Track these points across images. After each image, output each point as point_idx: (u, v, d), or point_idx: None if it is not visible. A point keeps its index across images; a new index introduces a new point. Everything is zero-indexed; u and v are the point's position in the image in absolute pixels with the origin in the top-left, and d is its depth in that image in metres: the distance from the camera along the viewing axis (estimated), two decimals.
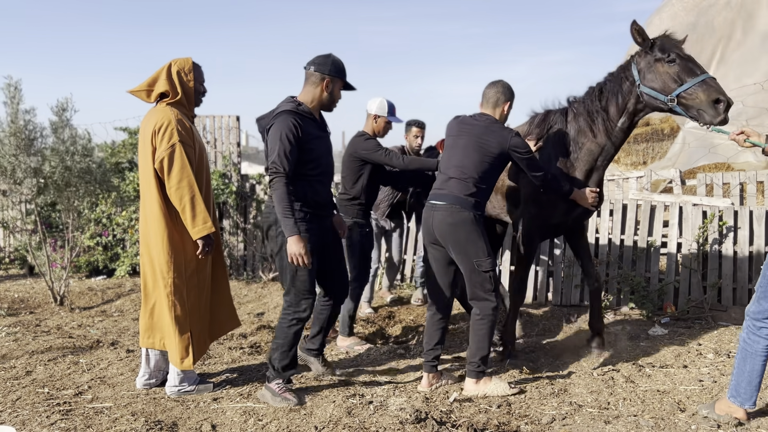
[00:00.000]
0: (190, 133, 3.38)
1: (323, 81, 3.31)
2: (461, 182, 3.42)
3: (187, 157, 3.28)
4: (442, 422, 2.93)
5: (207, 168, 3.55)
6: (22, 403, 3.33)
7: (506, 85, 3.63)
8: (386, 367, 4.01)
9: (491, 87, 3.61)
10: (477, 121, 3.55)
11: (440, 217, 3.42)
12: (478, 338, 3.41)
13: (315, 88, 3.32)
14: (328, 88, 3.32)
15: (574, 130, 3.89)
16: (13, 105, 5.65)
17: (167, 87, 3.37)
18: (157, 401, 3.35)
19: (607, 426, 2.94)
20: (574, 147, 3.88)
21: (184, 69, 3.43)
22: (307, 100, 3.32)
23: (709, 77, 3.45)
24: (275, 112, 3.25)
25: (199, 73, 3.50)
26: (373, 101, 4.37)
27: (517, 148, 3.46)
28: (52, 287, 5.95)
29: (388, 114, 4.37)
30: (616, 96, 3.74)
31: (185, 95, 3.43)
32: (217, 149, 7.48)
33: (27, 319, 5.39)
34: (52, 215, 7.58)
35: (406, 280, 6.65)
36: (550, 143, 3.95)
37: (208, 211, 3.36)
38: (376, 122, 4.37)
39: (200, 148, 3.48)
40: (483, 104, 3.62)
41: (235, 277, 7.29)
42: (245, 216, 7.42)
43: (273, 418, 3.04)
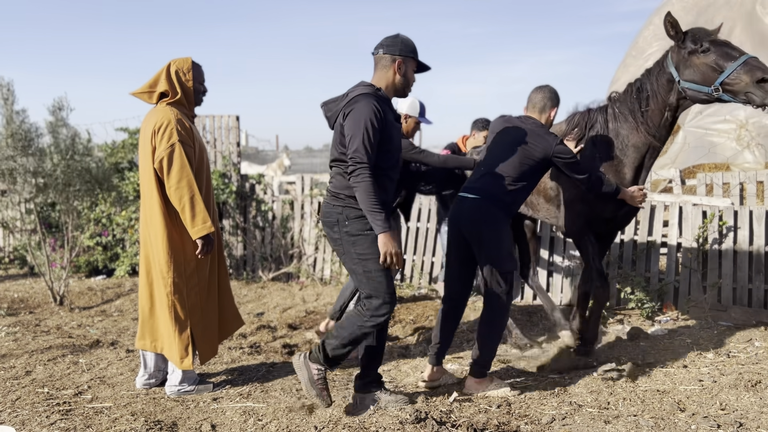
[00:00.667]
0: (190, 133, 3.38)
1: (394, 62, 3.05)
2: (496, 180, 3.41)
3: (187, 156, 3.29)
4: (441, 422, 2.93)
5: (207, 168, 3.55)
6: (21, 403, 3.33)
7: (553, 90, 3.60)
8: (386, 367, 4.00)
9: (538, 92, 3.59)
10: (523, 124, 3.53)
11: (468, 210, 3.40)
12: (485, 338, 3.39)
13: (386, 71, 3.07)
14: (401, 69, 3.06)
15: (617, 129, 3.82)
16: (8, 106, 5.65)
17: (167, 87, 3.39)
18: (156, 401, 3.35)
19: (606, 426, 2.94)
20: (621, 146, 3.81)
21: (183, 69, 3.43)
22: (380, 86, 3.08)
23: (749, 57, 3.32)
24: (350, 97, 3.01)
25: (198, 73, 3.50)
26: (404, 101, 4.22)
27: (561, 155, 3.44)
28: (52, 287, 5.95)
29: (419, 115, 4.23)
30: (656, 94, 3.67)
31: (185, 95, 3.43)
32: (216, 149, 7.48)
33: (27, 319, 5.39)
34: (51, 215, 7.58)
35: (406, 280, 6.65)
36: (593, 143, 3.89)
37: (208, 210, 3.37)
38: (406, 122, 4.26)
39: (200, 147, 3.48)
40: (529, 108, 3.61)
41: (234, 277, 7.28)
42: (245, 216, 7.42)
43: (273, 418, 3.04)
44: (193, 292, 3.42)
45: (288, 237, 7.25)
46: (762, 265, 5.10)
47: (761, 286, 5.11)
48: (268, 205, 7.34)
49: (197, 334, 3.43)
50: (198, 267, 3.44)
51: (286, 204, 7.30)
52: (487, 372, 3.43)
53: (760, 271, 5.11)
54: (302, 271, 7.08)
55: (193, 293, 3.42)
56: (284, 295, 6.38)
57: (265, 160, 16.73)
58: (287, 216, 7.25)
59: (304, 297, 6.30)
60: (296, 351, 4.49)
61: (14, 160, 5.59)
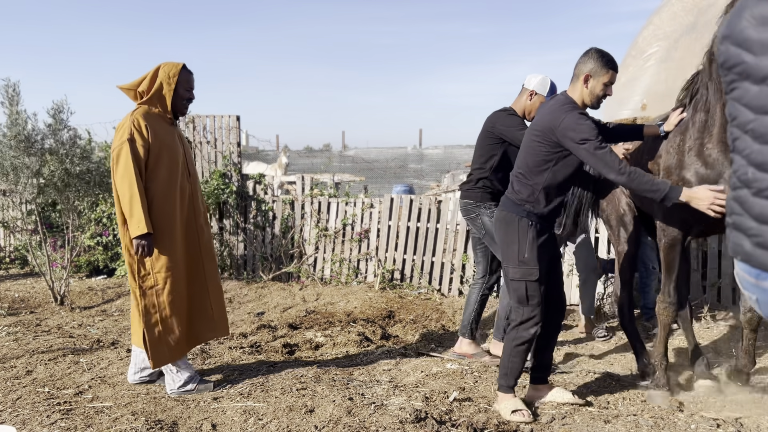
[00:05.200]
0: (154, 134, 3.37)
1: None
2: (512, 180, 3.24)
3: (134, 156, 3.28)
4: (441, 422, 2.94)
5: (187, 167, 3.56)
6: (22, 403, 3.33)
7: (592, 51, 3.11)
8: (386, 367, 4.01)
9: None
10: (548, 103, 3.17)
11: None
12: (504, 350, 3.22)
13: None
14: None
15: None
16: (12, 107, 5.66)
17: (147, 87, 3.43)
18: (157, 400, 3.35)
19: (606, 425, 2.95)
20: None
21: (170, 73, 3.45)
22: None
23: None
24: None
25: (186, 79, 3.51)
26: (534, 76, 3.97)
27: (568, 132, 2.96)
28: (53, 287, 5.95)
29: (547, 94, 3.92)
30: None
31: (159, 98, 3.45)
32: (217, 149, 7.48)
33: (27, 319, 5.39)
34: (52, 215, 7.58)
35: (406, 280, 6.66)
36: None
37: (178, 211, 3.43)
38: (531, 100, 3.95)
39: (170, 149, 3.46)
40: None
41: (235, 277, 7.29)
42: (245, 216, 7.43)
43: (273, 418, 3.04)
44: (166, 290, 3.41)
45: (288, 237, 7.26)
46: None
47: None
48: (269, 205, 7.35)
49: (167, 332, 3.42)
50: (169, 267, 3.41)
51: (287, 204, 7.31)
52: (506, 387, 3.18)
53: None
54: (302, 271, 7.09)
55: (165, 292, 3.41)
56: (284, 295, 6.39)
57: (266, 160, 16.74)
58: (288, 216, 7.26)
59: (305, 297, 6.31)
60: (296, 350, 4.50)
61: (17, 159, 5.60)
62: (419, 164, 18.00)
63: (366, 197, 7.19)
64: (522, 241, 3.09)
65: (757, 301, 1.55)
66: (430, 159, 18.06)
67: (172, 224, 3.43)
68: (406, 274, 6.68)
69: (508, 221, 3.15)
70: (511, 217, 3.14)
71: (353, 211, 7.01)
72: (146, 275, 3.40)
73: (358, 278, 6.91)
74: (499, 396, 3.18)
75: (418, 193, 13.74)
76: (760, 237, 1.47)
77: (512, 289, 3.13)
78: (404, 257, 6.69)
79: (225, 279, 7.22)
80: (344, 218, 7.03)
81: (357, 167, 17.35)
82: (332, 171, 14.75)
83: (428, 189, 12.58)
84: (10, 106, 5.65)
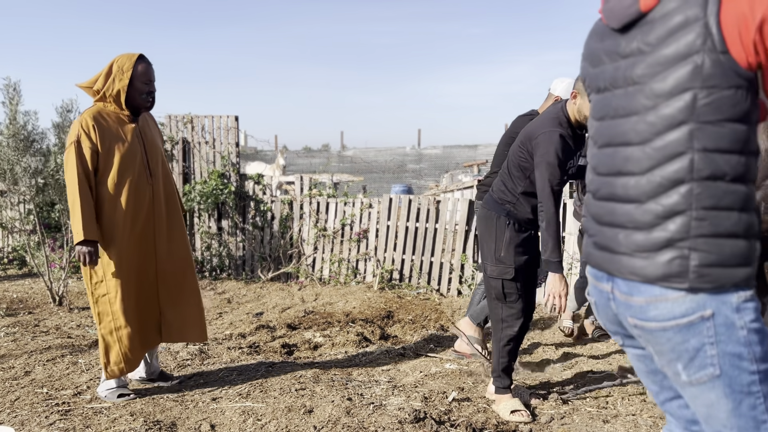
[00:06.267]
0: (105, 134, 3.24)
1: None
2: (497, 179, 3.26)
3: (79, 157, 3.17)
4: (440, 422, 2.94)
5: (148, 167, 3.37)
6: (20, 404, 3.33)
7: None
8: (385, 367, 4.01)
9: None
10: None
11: None
12: (494, 353, 3.24)
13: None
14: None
15: None
16: (12, 106, 5.66)
17: (102, 83, 3.28)
18: (155, 401, 3.35)
19: (605, 425, 2.95)
20: None
21: (123, 66, 3.27)
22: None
23: None
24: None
25: (143, 72, 3.30)
26: (561, 80, 3.89)
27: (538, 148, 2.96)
28: (51, 287, 5.95)
29: None
30: None
31: (114, 94, 3.28)
32: (215, 149, 7.48)
33: (26, 320, 5.39)
34: (50, 215, 7.58)
35: (405, 280, 6.65)
36: None
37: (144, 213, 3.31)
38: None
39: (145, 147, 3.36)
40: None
41: (234, 277, 7.29)
42: (244, 216, 7.43)
43: (272, 418, 3.04)
44: (113, 299, 3.29)
45: (287, 237, 7.25)
46: None
47: None
48: (267, 205, 7.35)
49: (111, 344, 3.31)
50: (120, 274, 3.28)
51: (285, 204, 7.30)
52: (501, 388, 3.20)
53: None
54: (301, 271, 7.09)
55: (115, 301, 3.29)
56: (283, 295, 6.38)
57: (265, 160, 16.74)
58: (286, 216, 7.25)
59: (303, 297, 6.30)
60: (295, 351, 4.50)
61: (16, 158, 5.61)
62: (418, 164, 18.01)
63: (365, 197, 7.19)
64: (499, 239, 3.13)
65: (595, 304, 1.55)
66: (428, 159, 18.06)
67: (124, 229, 3.27)
68: (405, 274, 6.68)
69: (487, 219, 3.20)
70: (491, 215, 3.18)
71: (352, 211, 7.01)
72: (99, 282, 3.29)
73: (357, 278, 6.91)
74: (497, 397, 3.19)
75: (417, 193, 13.75)
76: (597, 237, 1.50)
77: (490, 286, 3.17)
78: (403, 257, 6.69)
79: (223, 279, 7.22)
80: (343, 218, 7.03)
81: (356, 167, 17.36)
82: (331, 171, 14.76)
83: (427, 189, 12.59)
84: (10, 106, 5.65)
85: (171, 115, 7.56)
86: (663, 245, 1.34)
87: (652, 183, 1.35)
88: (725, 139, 1.30)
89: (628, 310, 1.42)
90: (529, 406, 3.23)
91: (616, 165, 1.43)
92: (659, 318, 1.36)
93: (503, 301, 3.14)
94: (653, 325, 1.38)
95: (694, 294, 1.32)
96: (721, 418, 1.36)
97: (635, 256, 1.38)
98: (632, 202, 1.39)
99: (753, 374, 1.33)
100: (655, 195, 1.35)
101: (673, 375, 1.41)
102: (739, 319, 1.32)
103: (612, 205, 1.45)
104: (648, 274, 1.36)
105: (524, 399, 3.28)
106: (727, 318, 1.32)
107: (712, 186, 1.31)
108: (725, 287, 1.31)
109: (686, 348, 1.35)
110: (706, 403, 1.38)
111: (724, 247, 1.31)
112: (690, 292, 1.32)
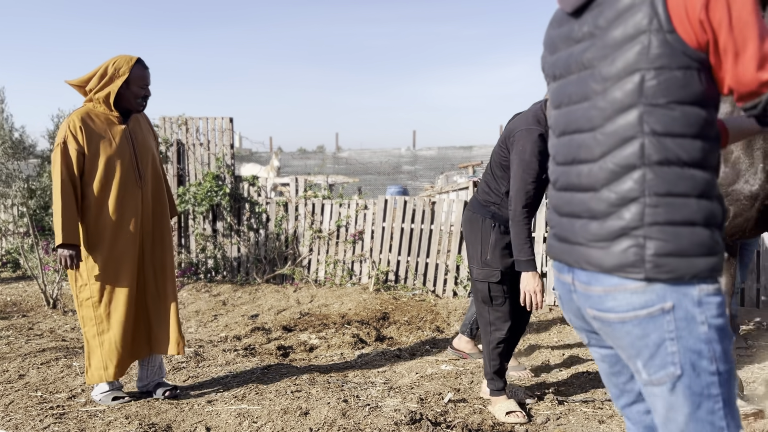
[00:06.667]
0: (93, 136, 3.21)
1: None
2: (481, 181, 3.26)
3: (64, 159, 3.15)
4: (436, 423, 2.94)
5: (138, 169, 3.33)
6: (14, 407, 3.31)
7: None
8: (381, 369, 4.01)
9: None
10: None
11: None
12: (485, 356, 3.23)
13: None
14: None
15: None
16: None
17: (95, 84, 3.25)
18: (150, 404, 3.34)
19: (601, 425, 2.95)
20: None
21: (120, 69, 3.23)
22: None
23: None
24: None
25: (140, 76, 3.27)
26: None
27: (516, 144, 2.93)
28: (45, 290, 5.92)
29: None
30: None
31: (106, 95, 3.25)
32: (210, 151, 7.46)
33: (19, 323, 5.36)
34: (44, 218, 7.54)
35: (400, 281, 6.65)
36: None
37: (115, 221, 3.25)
38: None
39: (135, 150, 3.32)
40: None
41: (229, 280, 7.27)
42: (239, 218, 7.41)
43: (268, 420, 3.03)
44: (97, 303, 3.26)
45: (282, 239, 7.24)
46: (754, 265, 5.12)
47: (753, 285, 5.14)
48: (262, 207, 7.33)
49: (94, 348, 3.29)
50: (106, 278, 3.25)
51: (280, 206, 7.29)
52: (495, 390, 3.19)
53: (753, 271, 5.13)
54: (296, 273, 7.08)
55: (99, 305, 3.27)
56: (278, 297, 6.37)
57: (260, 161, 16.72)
58: (281, 218, 7.24)
59: (299, 299, 6.30)
60: (291, 353, 4.49)
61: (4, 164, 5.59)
62: (413, 165, 18.02)
63: (360, 199, 7.19)
64: (485, 242, 3.11)
65: (560, 298, 1.50)
66: (423, 160, 18.08)
67: (111, 232, 3.24)
68: (401, 276, 6.68)
69: (472, 222, 3.19)
70: (476, 217, 3.17)
71: (347, 212, 7.01)
72: (83, 286, 3.26)
73: (353, 280, 6.90)
74: (492, 399, 3.19)
75: (412, 194, 13.75)
76: (557, 228, 1.46)
77: (477, 290, 3.16)
78: (398, 259, 6.69)
79: (218, 282, 7.21)
80: (338, 220, 7.02)
81: (351, 169, 17.36)
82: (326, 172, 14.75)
83: (422, 190, 12.59)
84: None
85: (165, 117, 7.55)
86: (618, 234, 1.28)
87: (605, 170, 1.30)
88: (677, 122, 1.24)
89: (588, 301, 1.37)
90: (525, 406, 3.23)
91: (572, 153, 1.39)
92: (618, 309, 1.30)
93: (490, 304, 3.14)
94: (612, 316, 1.32)
95: (653, 284, 1.26)
96: (679, 422, 1.29)
97: (591, 246, 1.33)
98: (587, 190, 1.35)
99: (713, 375, 1.26)
100: (608, 182, 1.30)
101: (636, 373, 1.35)
102: (701, 314, 1.25)
103: (570, 195, 1.40)
104: (604, 264, 1.30)
105: (519, 398, 3.28)
106: (688, 312, 1.25)
107: (666, 171, 1.25)
108: (684, 278, 1.25)
109: (646, 343, 1.29)
110: (665, 405, 1.31)
111: (681, 235, 1.25)
112: (648, 283, 1.26)
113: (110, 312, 3.27)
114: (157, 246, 3.42)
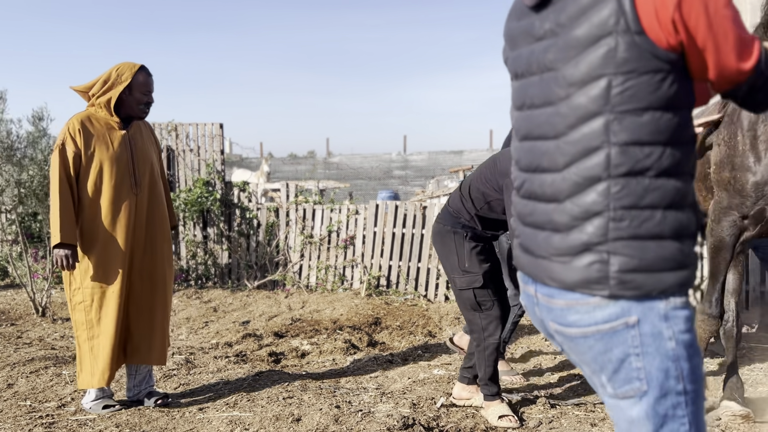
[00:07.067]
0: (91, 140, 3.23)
1: None
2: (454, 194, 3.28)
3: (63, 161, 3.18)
4: (429, 428, 2.93)
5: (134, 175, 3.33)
6: (3, 417, 3.27)
7: None
8: (373, 374, 4.00)
9: None
10: None
11: None
12: (478, 361, 3.22)
13: None
14: None
15: None
16: None
17: (98, 89, 3.29)
18: (141, 412, 3.31)
19: (593, 429, 2.96)
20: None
21: (123, 75, 3.27)
22: None
23: None
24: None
25: (143, 82, 3.30)
26: None
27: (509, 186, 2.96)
28: (34, 298, 5.87)
29: None
30: None
31: (107, 100, 3.27)
32: (200, 157, 7.44)
33: (8, 331, 5.31)
34: (33, 225, 7.49)
35: (392, 286, 6.65)
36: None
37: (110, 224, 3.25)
38: None
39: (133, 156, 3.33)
40: None
41: (219, 286, 7.24)
42: (230, 224, 7.39)
43: (260, 427, 3.02)
44: (88, 307, 3.26)
45: (273, 245, 7.23)
46: (757, 266, 5.11)
47: (757, 287, 5.14)
48: (253, 213, 7.32)
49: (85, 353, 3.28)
50: (99, 282, 3.24)
51: (271, 211, 7.28)
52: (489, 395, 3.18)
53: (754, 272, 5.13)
54: (288, 278, 7.06)
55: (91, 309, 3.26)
56: (270, 303, 6.35)
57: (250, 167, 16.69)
58: (272, 223, 7.23)
59: (290, 305, 6.28)
60: (282, 359, 4.47)
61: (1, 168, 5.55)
62: (404, 170, 18.03)
63: (351, 204, 7.19)
64: (460, 251, 3.15)
65: (527, 308, 1.42)
66: (414, 165, 18.10)
67: (104, 236, 3.23)
68: (392, 281, 6.68)
69: (443, 234, 3.22)
70: (446, 229, 3.21)
71: (338, 217, 7.00)
72: (76, 289, 3.25)
73: (344, 285, 6.90)
74: (485, 403, 3.19)
75: (404, 199, 13.76)
76: (521, 238, 1.37)
77: (463, 298, 3.17)
78: (390, 263, 6.69)
79: (209, 288, 7.18)
80: (329, 225, 7.02)
81: (342, 174, 17.36)
82: (317, 178, 14.74)
83: (413, 195, 12.61)
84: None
85: (155, 123, 7.52)
86: (581, 249, 1.21)
87: (568, 181, 1.22)
88: (645, 129, 1.16)
89: (550, 314, 1.30)
90: (517, 410, 3.23)
91: (535, 160, 1.30)
92: (580, 323, 1.23)
93: (479, 310, 3.15)
94: (573, 331, 1.25)
95: (618, 300, 1.19)
96: None
97: (553, 260, 1.25)
98: (551, 201, 1.26)
99: (679, 395, 1.19)
100: (571, 194, 1.22)
101: (600, 387, 1.28)
102: (668, 329, 1.18)
103: (533, 204, 1.32)
104: (566, 280, 1.23)
105: (512, 403, 3.29)
106: (654, 326, 1.18)
107: (632, 183, 1.17)
108: (651, 294, 1.18)
109: (609, 358, 1.22)
110: (627, 419, 1.23)
111: (647, 250, 1.17)
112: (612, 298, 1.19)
113: (101, 317, 3.27)
114: (147, 255, 3.39)
